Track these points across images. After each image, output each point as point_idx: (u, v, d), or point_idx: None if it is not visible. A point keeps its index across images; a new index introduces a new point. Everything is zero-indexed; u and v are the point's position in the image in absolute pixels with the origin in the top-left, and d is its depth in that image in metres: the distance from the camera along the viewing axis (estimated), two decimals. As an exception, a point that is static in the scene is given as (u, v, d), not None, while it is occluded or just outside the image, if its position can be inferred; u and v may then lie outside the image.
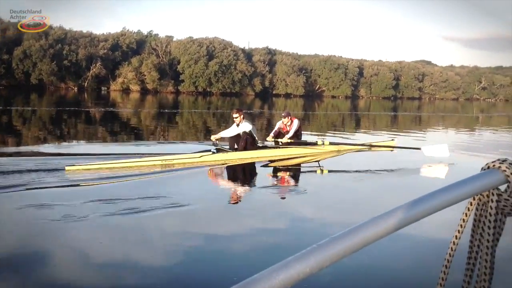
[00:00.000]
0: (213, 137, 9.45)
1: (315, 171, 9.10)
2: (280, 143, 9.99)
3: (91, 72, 54.73)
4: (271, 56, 71.17)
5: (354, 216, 5.44)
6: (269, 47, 72.84)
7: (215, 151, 9.01)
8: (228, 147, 9.49)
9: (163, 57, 60.89)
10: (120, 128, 17.21)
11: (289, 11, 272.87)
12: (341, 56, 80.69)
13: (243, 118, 9.51)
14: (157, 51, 60.72)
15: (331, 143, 10.05)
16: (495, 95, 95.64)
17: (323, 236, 0.75)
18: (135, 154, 9.18)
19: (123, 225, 4.85)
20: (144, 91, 56.51)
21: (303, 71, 72.14)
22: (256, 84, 65.61)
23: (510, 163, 0.91)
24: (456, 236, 1.02)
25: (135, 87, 57.39)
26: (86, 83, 55.15)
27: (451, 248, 1.02)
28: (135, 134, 15.11)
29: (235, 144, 9.36)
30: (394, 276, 3.85)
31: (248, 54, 68.06)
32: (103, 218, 4.95)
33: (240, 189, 7.33)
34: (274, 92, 69.17)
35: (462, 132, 21.56)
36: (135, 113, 24.26)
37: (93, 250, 4.15)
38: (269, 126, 19.14)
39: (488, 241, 0.98)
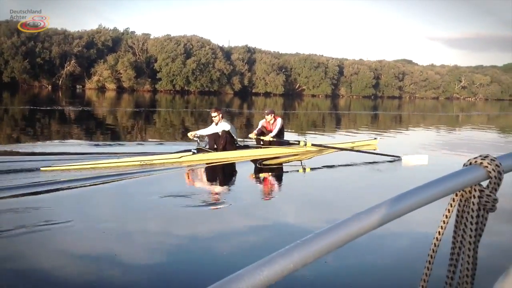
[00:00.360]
0: (190, 134, 9.50)
1: (298, 170, 9.13)
2: (262, 142, 10.00)
3: (65, 70, 54.04)
4: (250, 55, 71.31)
5: (336, 213, 5.51)
6: (248, 46, 73.07)
7: (195, 151, 8.98)
8: (208, 147, 9.45)
9: (140, 55, 60.58)
10: (95, 128, 16.95)
11: (270, 10, 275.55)
12: (322, 55, 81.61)
13: (221, 117, 9.53)
14: (133, 49, 60.43)
15: (313, 145, 10.04)
16: (475, 94, 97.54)
17: (306, 234, 0.75)
18: (112, 154, 9.06)
19: (105, 230, 4.71)
20: (120, 90, 56.02)
21: (283, 70, 72.47)
22: (235, 82, 65.64)
23: (491, 159, 0.93)
24: (439, 232, 1.04)
25: (111, 86, 56.87)
26: (60, 81, 54.45)
27: (434, 244, 1.04)
28: (111, 134, 14.91)
29: (215, 144, 9.37)
30: (378, 272, 3.88)
31: (227, 53, 68.09)
32: (84, 224, 4.83)
33: (220, 189, 7.32)
34: (253, 91, 69.38)
35: (442, 131, 22.03)
36: (111, 112, 23.99)
37: (74, 263, 3.96)
38: (249, 125, 19.20)
39: (470, 236, 1.00)
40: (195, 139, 9.44)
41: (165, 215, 5.25)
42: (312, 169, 8.95)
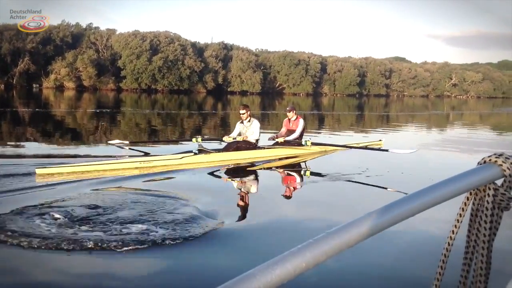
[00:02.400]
0: (226, 138, 9.86)
1: (301, 172, 9.32)
2: (278, 141, 10.39)
3: (18, 68, 53.12)
4: (227, 52, 71.53)
5: (342, 216, 5.50)
6: (225, 42, 73.42)
7: (197, 152, 9.16)
8: (224, 147, 9.80)
9: (104, 52, 60.20)
10: (53, 130, 16.55)
11: (254, 7, 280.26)
12: (304, 52, 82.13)
13: (249, 114, 9.96)
14: (97, 46, 60.01)
15: (313, 143, 10.38)
16: (467, 91, 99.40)
17: (310, 237, 0.78)
18: (109, 156, 9.13)
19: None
20: (81, 89, 55.61)
21: (262, 67, 72.85)
22: (208, 80, 65.70)
23: (506, 157, 0.97)
24: (453, 231, 1.09)
25: (70, 84, 56.35)
26: (14, 80, 53.53)
27: (448, 243, 1.10)
28: (69, 137, 14.56)
29: (227, 150, 9.63)
30: (391, 271, 4.07)
31: (200, 49, 68.11)
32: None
33: (222, 193, 7.26)
34: (229, 89, 69.57)
35: (433, 130, 22.44)
36: (68, 114, 23.32)
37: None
38: (225, 126, 19.06)
39: (485, 235, 1.05)
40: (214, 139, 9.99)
41: (164, 218, 5.16)
42: (316, 173, 8.98)
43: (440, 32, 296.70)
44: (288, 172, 9.32)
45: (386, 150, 9.69)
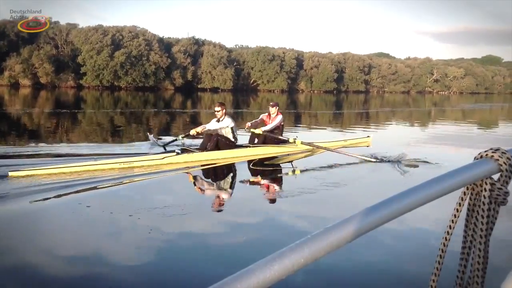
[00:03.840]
0: (193, 131, 10.03)
1: (287, 173, 9.54)
2: (251, 132, 10.73)
3: (-33, 64, 51.87)
4: (198, 47, 71.30)
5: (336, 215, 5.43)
6: (196, 37, 73.09)
7: (179, 151, 9.35)
8: (200, 146, 9.94)
9: (64, 48, 59.52)
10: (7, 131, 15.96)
11: (232, 2, 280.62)
12: (280, 47, 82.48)
13: (225, 113, 10.09)
14: (56, 41, 59.24)
15: (302, 143, 10.50)
16: (448, 87, 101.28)
17: (298, 236, 0.82)
18: (88, 155, 9.36)
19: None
20: (38, 86, 54.85)
21: (234, 63, 72.82)
22: (176, 77, 65.42)
23: (502, 152, 1.02)
24: (450, 226, 1.15)
25: (25, 82, 55.43)
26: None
27: (445, 238, 1.15)
28: (25, 138, 14.07)
29: (208, 143, 9.82)
30: (389, 267, 4.30)
31: (168, 45, 67.80)
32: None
33: (207, 194, 7.49)
34: (199, 86, 69.38)
35: (416, 128, 22.35)
36: (24, 115, 22.69)
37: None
38: (196, 124, 18.76)
39: (482, 230, 1.10)
40: (200, 136, 10.07)
41: (150, 223, 5.27)
42: (303, 171, 9.17)
43: (428, 28, 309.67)
44: (274, 171, 9.48)
45: (370, 161, 9.62)
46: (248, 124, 10.97)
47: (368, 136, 13.08)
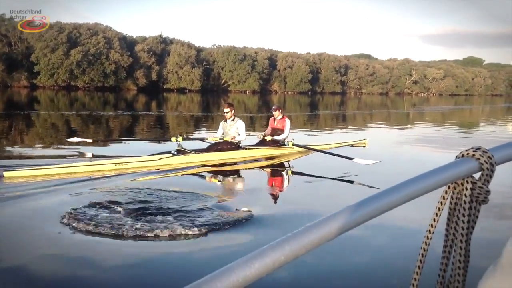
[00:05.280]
0: (210, 138, 10.56)
1: (283, 172, 9.97)
2: (265, 139, 11.07)
3: None
4: (165, 46, 71.00)
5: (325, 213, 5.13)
6: (162, 36, 72.66)
7: (175, 152, 9.58)
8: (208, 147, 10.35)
9: (17, 45, 58.85)
10: None
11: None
12: (252, 47, 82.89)
13: (234, 113, 10.60)
14: (8, 38, 58.49)
15: (295, 145, 11.04)
16: (428, 89, 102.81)
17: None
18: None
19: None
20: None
21: (204, 63, 72.56)
22: (139, 77, 64.83)
23: (483, 151, 1.05)
24: (431, 224, 1.18)
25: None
26: None
27: (427, 236, 1.18)
28: None
29: (209, 151, 10.16)
30: (370, 266, 4.42)
31: (132, 43, 67.28)
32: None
33: (202, 196, 7.32)
34: (165, 87, 69.00)
35: (396, 130, 22.76)
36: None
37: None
38: (164, 129, 18.30)
39: (463, 228, 1.13)
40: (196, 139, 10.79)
41: (143, 224, 5.30)
42: (298, 172, 9.61)
43: (416, 30, 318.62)
44: (270, 171, 9.93)
45: (351, 158, 9.85)
46: (263, 133, 11.39)
47: (364, 139, 13.67)
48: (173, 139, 10.13)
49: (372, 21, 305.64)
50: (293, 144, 10.98)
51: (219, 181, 8.75)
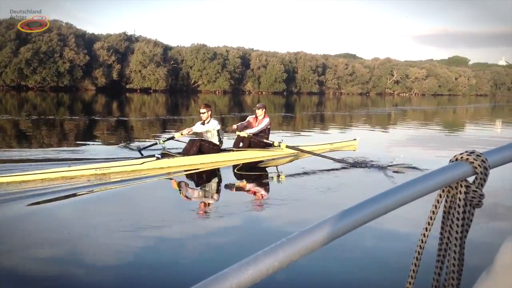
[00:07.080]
0: (178, 134, 10.51)
1: (273, 177, 9.88)
2: (237, 134, 11.27)
3: None
4: (129, 44, 70.37)
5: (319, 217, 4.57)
6: (127, 33, 71.99)
7: (159, 156, 9.73)
8: (182, 151, 10.33)
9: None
10: None
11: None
12: (224, 46, 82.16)
13: (210, 115, 10.61)
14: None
15: (287, 147, 11.14)
16: (410, 89, 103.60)
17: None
18: (62, 160, 9.68)
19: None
20: None
21: (172, 62, 71.98)
22: (98, 76, 63.98)
23: (477, 155, 1.11)
24: (426, 228, 1.24)
25: None
26: None
27: (422, 240, 1.24)
28: None
29: (191, 148, 10.28)
30: (365, 270, 4.63)
31: (90, 40, 66.43)
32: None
33: (187, 201, 7.57)
34: (128, 86, 68.43)
35: (379, 131, 22.97)
36: None
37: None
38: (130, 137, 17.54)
39: (457, 232, 1.18)
40: (182, 139, 10.60)
41: (127, 231, 5.48)
42: (287, 175, 9.76)
43: (408, 30, 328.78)
44: (259, 176, 9.96)
45: (354, 165, 10.32)
46: (234, 126, 11.52)
47: (354, 139, 13.91)
48: (159, 142, 10.54)
49: (359, 21, 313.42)
50: (286, 146, 11.07)
51: (203, 185, 8.97)
